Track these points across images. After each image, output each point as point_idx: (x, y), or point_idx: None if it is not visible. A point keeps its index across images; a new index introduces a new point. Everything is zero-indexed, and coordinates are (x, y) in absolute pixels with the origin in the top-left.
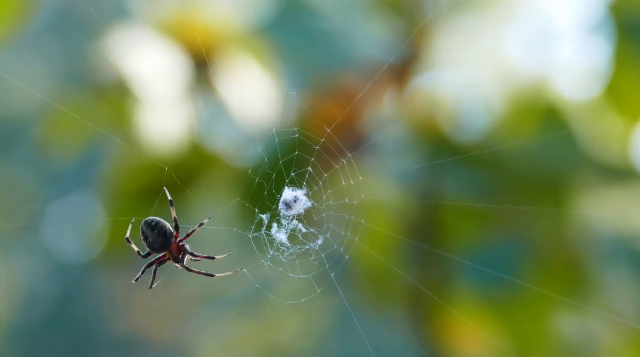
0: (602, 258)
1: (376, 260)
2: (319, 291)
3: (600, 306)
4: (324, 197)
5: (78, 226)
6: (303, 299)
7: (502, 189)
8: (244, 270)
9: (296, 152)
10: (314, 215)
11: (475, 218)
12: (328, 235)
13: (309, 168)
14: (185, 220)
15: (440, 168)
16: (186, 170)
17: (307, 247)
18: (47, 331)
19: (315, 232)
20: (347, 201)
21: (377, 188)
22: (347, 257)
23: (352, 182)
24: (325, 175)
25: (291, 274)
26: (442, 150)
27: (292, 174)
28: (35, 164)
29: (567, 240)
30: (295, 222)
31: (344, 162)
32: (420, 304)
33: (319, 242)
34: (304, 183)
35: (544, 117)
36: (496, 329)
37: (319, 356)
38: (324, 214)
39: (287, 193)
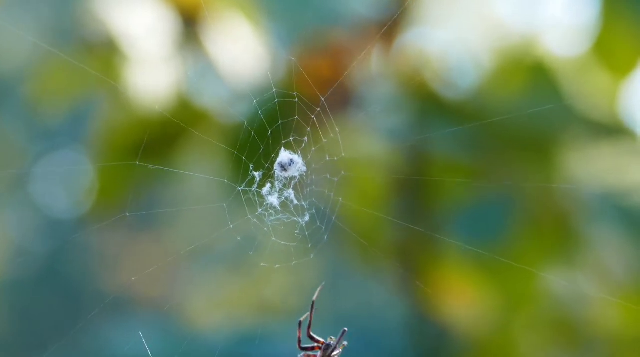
0: (591, 214)
1: (363, 217)
2: (294, 262)
3: (589, 262)
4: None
5: (68, 182)
6: (277, 265)
7: (490, 146)
8: (230, 225)
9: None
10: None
11: (463, 175)
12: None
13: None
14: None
15: (428, 125)
16: (175, 127)
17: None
18: (37, 287)
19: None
20: (328, 158)
21: (364, 144)
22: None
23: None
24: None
25: (274, 238)
26: (430, 106)
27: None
28: (24, 120)
29: (555, 196)
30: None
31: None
32: (409, 262)
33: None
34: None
35: (533, 73)
36: (484, 286)
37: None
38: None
39: (284, 155)
